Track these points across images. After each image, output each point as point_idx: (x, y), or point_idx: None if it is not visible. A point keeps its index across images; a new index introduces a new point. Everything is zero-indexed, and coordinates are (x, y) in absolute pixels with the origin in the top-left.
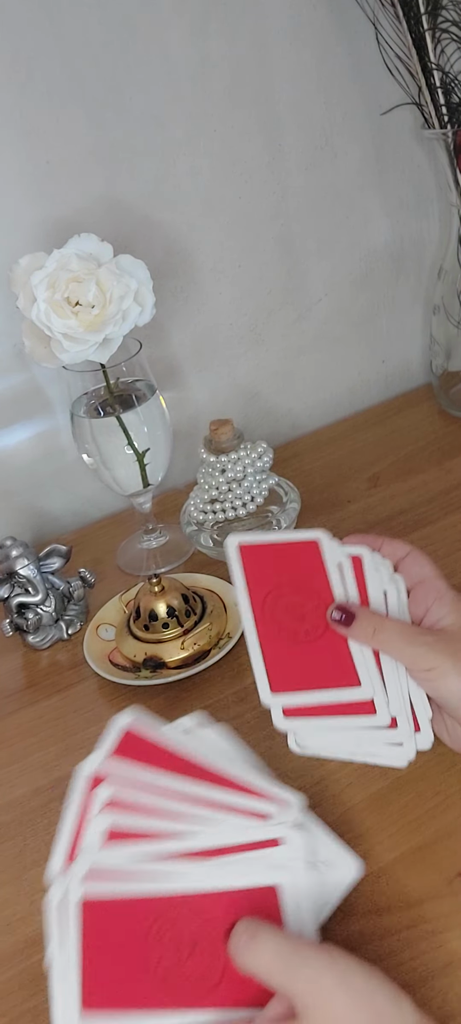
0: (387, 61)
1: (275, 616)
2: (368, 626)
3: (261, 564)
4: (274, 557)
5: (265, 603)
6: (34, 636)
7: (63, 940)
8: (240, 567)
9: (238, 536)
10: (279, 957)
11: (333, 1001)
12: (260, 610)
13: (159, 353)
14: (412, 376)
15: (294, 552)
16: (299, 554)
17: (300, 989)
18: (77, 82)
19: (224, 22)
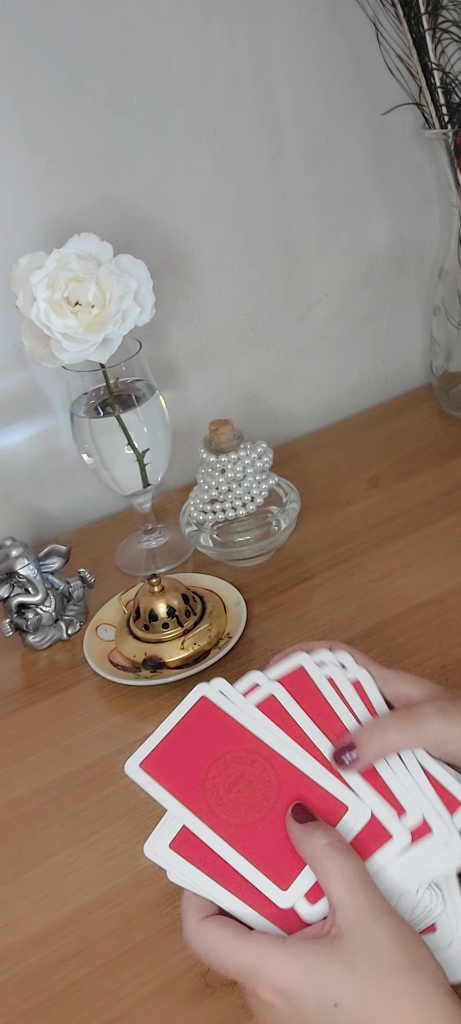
0: (387, 61)
1: (227, 808)
2: (374, 738)
3: (172, 765)
4: (179, 747)
5: (208, 803)
6: (34, 636)
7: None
8: (157, 785)
9: (133, 758)
10: (358, 875)
11: (383, 936)
12: (209, 814)
13: (159, 353)
14: (412, 377)
15: (194, 725)
16: (200, 722)
17: (357, 908)
18: (77, 82)
19: (224, 22)
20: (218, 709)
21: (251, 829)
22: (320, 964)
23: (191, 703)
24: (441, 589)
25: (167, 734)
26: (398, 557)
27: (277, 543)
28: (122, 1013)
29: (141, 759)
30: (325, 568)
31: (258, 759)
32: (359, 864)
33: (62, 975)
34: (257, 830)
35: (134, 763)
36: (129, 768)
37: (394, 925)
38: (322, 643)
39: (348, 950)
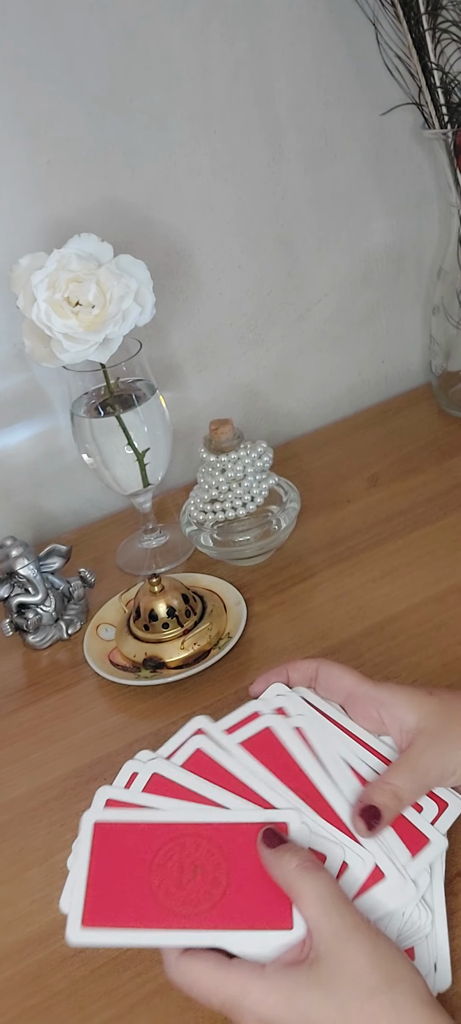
0: (387, 61)
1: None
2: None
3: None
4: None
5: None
6: (34, 636)
7: (77, 858)
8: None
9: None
10: (331, 896)
11: (358, 957)
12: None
13: (159, 353)
14: (412, 376)
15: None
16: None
17: (332, 931)
18: (77, 82)
19: (224, 22)
20: (116, 825)
21: (224, 901)
22: (301, 992)
23: (89, 839)
24: (441, 588)
25: (87, 879)
26: (398, 556)
27: (277, 542)
28: (123, 1011)
29: (79, 920)
30: (325, 567)
31: (186, 840)
32: (331, 883)
33: (64, 973)
34: (230, 898)
35: (75, 929)
36: (73, 936)
37: (370, 942)
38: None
39: (326, 975)
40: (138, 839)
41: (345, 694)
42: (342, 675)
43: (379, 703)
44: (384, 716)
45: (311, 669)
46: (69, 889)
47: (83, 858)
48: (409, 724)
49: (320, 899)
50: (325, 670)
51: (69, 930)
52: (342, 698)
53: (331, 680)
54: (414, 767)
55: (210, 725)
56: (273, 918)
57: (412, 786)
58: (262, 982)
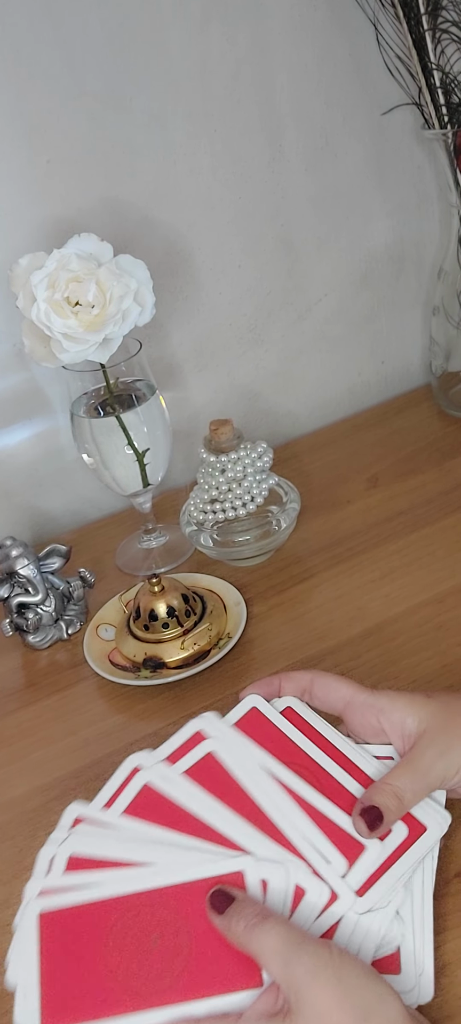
0: (387, 61)
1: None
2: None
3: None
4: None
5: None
6: (34, 636)
7: (23, 959)
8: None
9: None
10: (284, 945)
11: (325, 998)
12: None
13: (159, 353)
14: (412, 377)
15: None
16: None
17: (296, 981)
18: (77, 82)
19: (224, 22)
20: (63, 911)
21: (188, 969)
22: None
23: (34, 932)
24: (440, 589)
25: (41, 980)
26: (398, 557)
27: (277, 543)
28: None
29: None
30: (325, 568)
31: (141, 910)
32: (284, 930)
33: None
34: (194, 964)
35: None
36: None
37: (335, 979)
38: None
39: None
40: (90, 920)
41: (342, 704)
42: (339, 686)
43: (378, 711)
44: (384, 723)
45: (305, 680)
46: (21, 985)
47: (31, 957)
48: (410, 728)
49: (276, 953)
50: (320, 682)
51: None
52: (340, 708)
53: (327, 691)
54: (415, 768)
55: (148, 759)
56: (241, 977)
57: (413, 787)
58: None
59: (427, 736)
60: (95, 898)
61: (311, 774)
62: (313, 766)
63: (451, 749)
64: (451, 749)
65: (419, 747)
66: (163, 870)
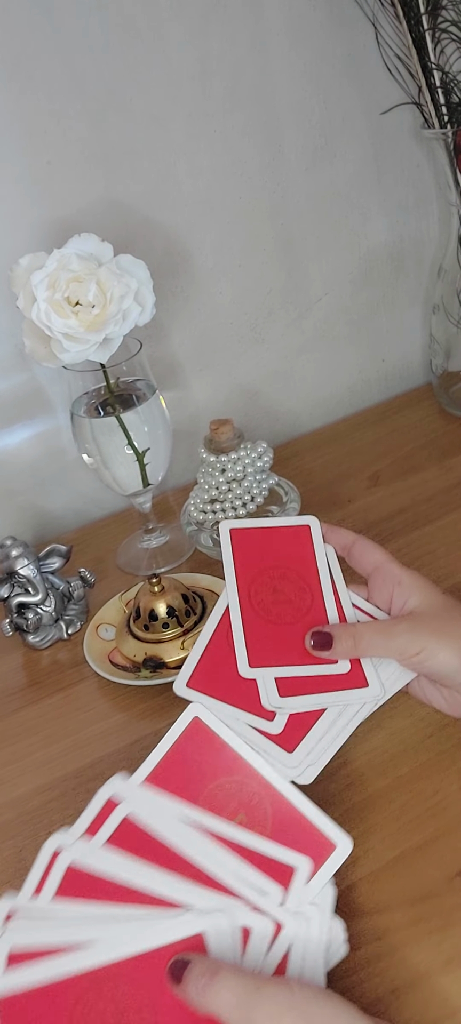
0: (387, 61)
1: (261, 598)
2: (347, 640)
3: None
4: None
5: (251, 585)
6: (34, 636)
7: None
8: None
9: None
10: (241, 996)
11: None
12: (246, 591)
13: (159, 353)
14: (412, 375)
15: (284, 536)
16: (289, 539)
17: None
18: (77, 82)
19: (224, 22)
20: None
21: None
22: None
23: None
24: (441, 587)
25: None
26: (398, 555)
27: None
28: None
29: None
30: None
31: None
32: (236, 980)
33: None
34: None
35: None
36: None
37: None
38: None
39: None
40: (48, 1004)
41: (372, 567)
42: (375, 551)
43: (397, 582)
44: (395, 594)
45: (348, 539)
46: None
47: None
48: (409, 606)
49: (234, 1007)
50: (360, 544)
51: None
52: (369, 571)
53: (364, 553)
54: (384, 627)
55: (67, 838)
56: None
57: (374, 639)
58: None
59: (411, 615)
60: (51, 978)
61: None
62: None
63: (420, 633)
64: (420, 633)
65: (399, 618)
66: (112, 945)
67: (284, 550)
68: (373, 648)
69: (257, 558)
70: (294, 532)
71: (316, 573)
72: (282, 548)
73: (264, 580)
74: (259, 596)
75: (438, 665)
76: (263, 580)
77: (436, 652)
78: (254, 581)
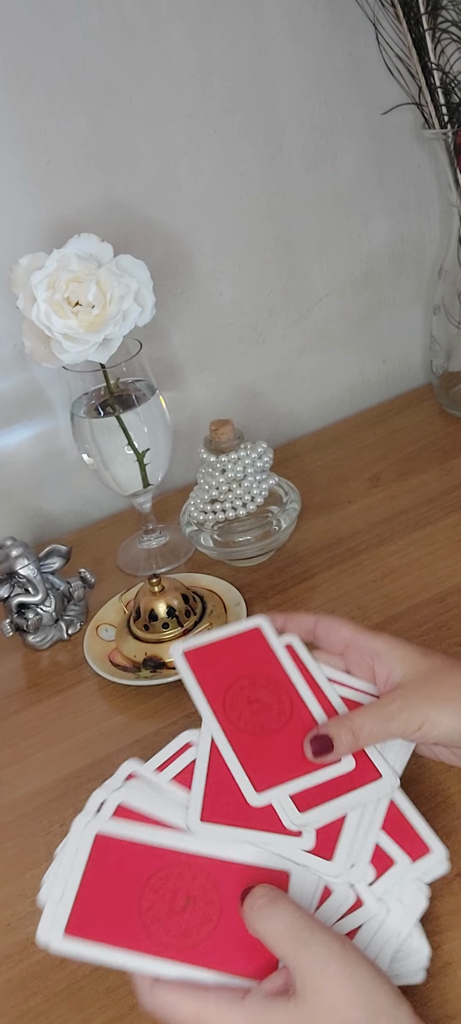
0: (387, 61)
1: (239, 713)
2: (346, 736)
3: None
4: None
5: (225, 702)
6: (34, 636)
7: (67, 868)
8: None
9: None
10: (293, 928)
11: (334, 990)
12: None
13: (159, 353)
14: (413, 376)
15: (239, 644)
16: (245, 645)
17: (304, 966)
18: (77, 82)
19: (224, 22)
20: (116, 840)
21: (210, 940)
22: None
23: (87, 848)
24: (442, 588)
25: (79, 888)
26: (399, 556)
27: (277, 543)
28: (123, 1012)
29: (62, 928)
30: (325, 567)
31: (183, 869)
32: (293, 913)
33: (64, 974)
34: (217, 938)
35: (57, 936)
36: (55, 943)
37: (346, 972)
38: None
39: (304, 1010)
40: (137, 858)
41: (343, 645)
42: (340, 627)
43: (374, 653)
44: (376, 666)
45: (309, 622)
46: (56, 892)
47: (78, 866)
48: (395, 677)
49: (283, 935)
50: (324, 623)
51: (50, 936)
52: (340, 649)
53: (330, 632)
54: (379, 712)
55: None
56: (256, 968)
57: (373, 727)
58: (242, 1012)
59: (401, 688)
60: (147, 841)
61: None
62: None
63: (419, 706)
64: (419, 706)
65: (390, 695)
66: (211, 843)
67: (244, 657)
68: (373, 736)
69: (221, 673)
70: (247, 637)
71: (284, 671)
72: (241, 656)
73: (236, 693)
74: (237, 711)
75: (441, 734)
76: (235, 694)
77: (437, 721)
78: (226, 698)
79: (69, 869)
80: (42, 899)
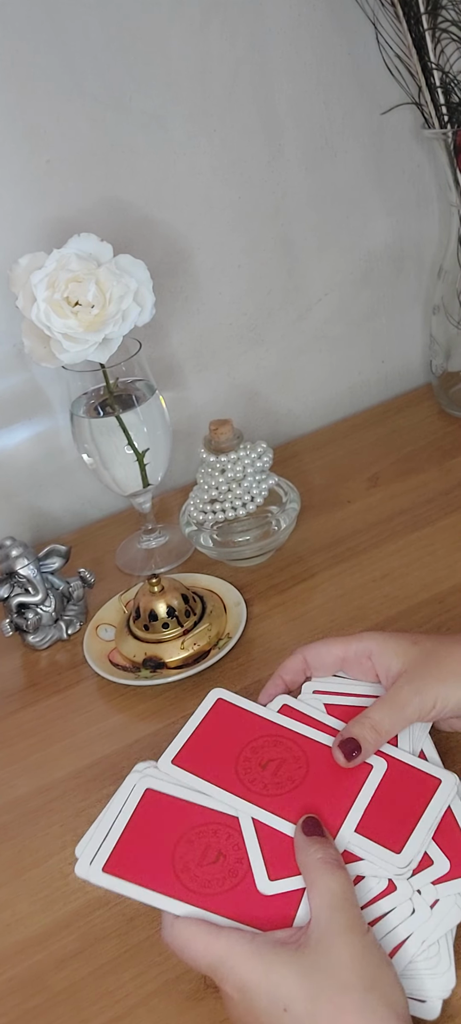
0: (387, 61)
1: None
2: (369, 732)
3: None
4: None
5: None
6: (34, 636)
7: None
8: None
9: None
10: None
11: (342, 954)
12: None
13: (159, 353)
14: (412, 376)
15: (213, 724)
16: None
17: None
18: (77, 82)
19: (224, 22)
20: (164, 796)
21: (233, 893)
22: (278, 967)
23: (137, 800)
24: (441, 588)
25: (121, 837)
26: (398, 556)
27: (277, 543)
28: (123, 1012)
29: (101, 864)
30: (325, 567)
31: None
32: (346, 884)
33: (63, 974)
34: (240, 895)
35: (96, 870)
36: (93, 876)
37: (359, 945)
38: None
39: (307, 961)
40: (179, 813)
41: (339, 664)
42: (329, 649)
43: (368, 653)
44: (375, 665)
45: (299, 662)
46: (99, 832)
47: (125, 815)
48: (394, 669)
49: (330, 892)
50: (312, 653)
51: (89, 869)
52: (338, 667)
53: (321, 659)
54: (392, 703)
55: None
56: (269, 926)
57: (390, 719)
58: (246, 948)
59: (406, 675)
60: (193, 800)
61: None
62: None
63: (426, 687)
64: (426, 687)
65: (398, 684)
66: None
67: (229, 733)
68: (393, 726)
69: (219, 759)
70: (215, 713)
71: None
72: (225, 733)
73: (247, 769)
74: (259, 783)
75: (456, 706)
76: (246, 769)
77: (449, 696)
78: (241, 777)
79: (116, 814)
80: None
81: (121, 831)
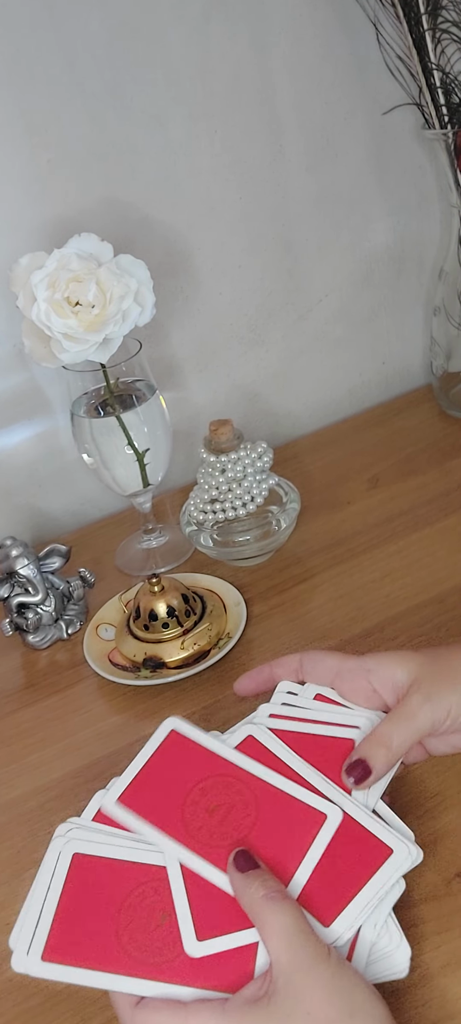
0: (388, 61)
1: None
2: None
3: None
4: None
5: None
6: (34, 636)
7: (44, 891)
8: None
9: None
10: (295, 928)
11: (315, 990)
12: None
13: (159, 353)
14: (412, 377)
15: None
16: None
17: (295, 965)
18: (77, 82)
19: (224, 22)
20: (94, 858)
21: (185, 957)
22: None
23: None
24: (441, 589)
25: (56, 914)
26: (398, 557)
27: (277, 543)
28: None
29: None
30: (325, 568)
31: (160, 885)
32: (297, 914)
33: None
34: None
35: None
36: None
37: (328, 974)
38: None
39: (282, 1011)
40: (114, 877)
41: (332, 675)
42: (325, 658)
43: (367, 671)
44: (374, 682)
45: (295, 661)
46: (31, 915)
47: (56, 889)
48: (401, 681)
49: (284, 931)
50: (309, 657)
51: (27, 960)
52: (330, 680)
53: (316, 665)
54: (401, 714)
55: None
56: (232, 980)
57: (400, 732)
58: (223, 1021)
59: (415, 684)
60: (125, 858)
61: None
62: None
63: (438, 694)
64: (438, 694)
65: (407, 695)
66: (187, 859)
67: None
68: (404, 741)
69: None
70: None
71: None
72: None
73: (192, 814)
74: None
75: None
76: (192, 814)
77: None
78: (186, 822)
79: (45, 890)
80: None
81: (54, 909)
